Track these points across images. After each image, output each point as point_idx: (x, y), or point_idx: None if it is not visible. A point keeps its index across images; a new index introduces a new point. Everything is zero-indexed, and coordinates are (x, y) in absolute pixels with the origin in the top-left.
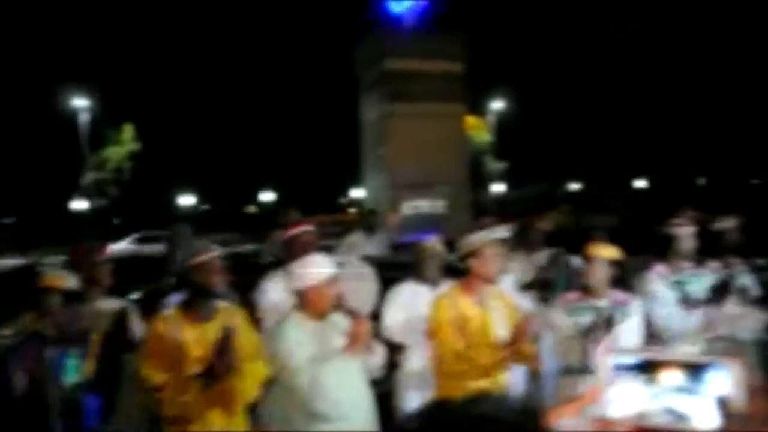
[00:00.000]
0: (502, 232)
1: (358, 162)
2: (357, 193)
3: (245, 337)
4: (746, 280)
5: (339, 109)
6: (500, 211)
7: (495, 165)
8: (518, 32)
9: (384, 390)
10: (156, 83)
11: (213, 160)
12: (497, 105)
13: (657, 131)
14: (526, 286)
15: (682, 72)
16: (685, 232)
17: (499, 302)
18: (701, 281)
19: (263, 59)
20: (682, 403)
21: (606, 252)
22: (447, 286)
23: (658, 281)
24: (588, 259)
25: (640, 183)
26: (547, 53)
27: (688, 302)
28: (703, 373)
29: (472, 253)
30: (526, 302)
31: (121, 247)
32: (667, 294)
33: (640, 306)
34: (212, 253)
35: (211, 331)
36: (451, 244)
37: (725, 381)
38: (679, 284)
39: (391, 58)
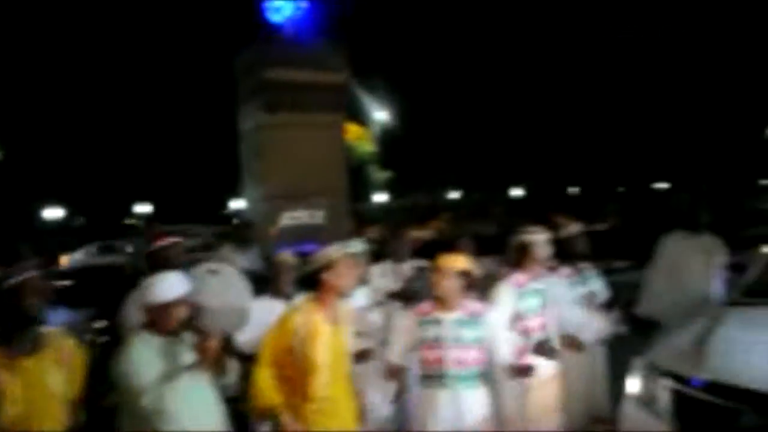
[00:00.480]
0: (358, 245)
1: (238, 173)
2: (236, 204)
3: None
4: (596, 285)
5: (219, 119)
6: (383, 220)
7: (379, 175)
8: (402, 41)
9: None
10: (20, 90)
11: (83, 171)
12: (381, 115)
13: (534, 141)
14: (392, 296)
15: (556, 84)
16: (539, 240)
17: (347, 321)
18: (558, 286)
19: (139, 66)
20: None
21: (454, 263)
22: (300, 299)
23: (507, 289)
24: (437, 270)
25: (517, 191)
26: (430, 64)
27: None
28: None
29: (327, 266)
30: (376, 317)
31: None
32: (508, 302)
33: (497, 314)
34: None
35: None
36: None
37: None
38: (538, 291)
39: (271, 68)
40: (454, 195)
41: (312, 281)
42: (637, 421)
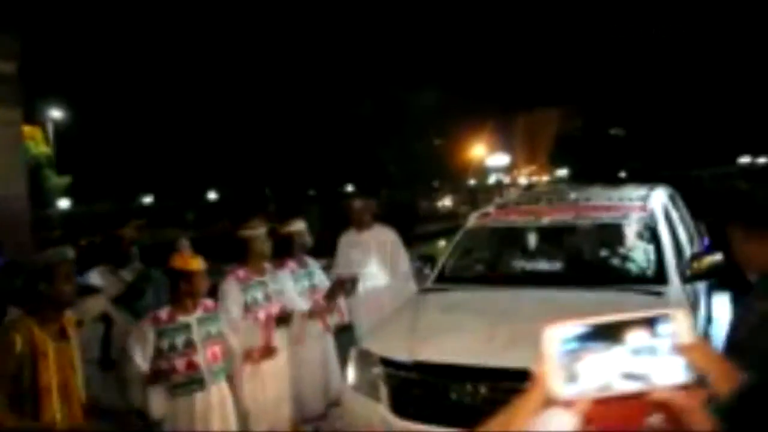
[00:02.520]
0: (70, 251)
1: None
2: None
3: None
4: (322, 278)
5: None
6: (70, 228)
7: (57, 180)
8: (77, 35)
9: None
10: None
11: None
12: (55, 114)
13: (226, 143)
14: (116, 300)
15: (232, 89)
16: (258, 234)
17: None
18: (282, 280)
19: None
20: (642, 365)
21: (194, 264)
22: (14, 315)
23: (232, 284)
24: (182, 272)
25: (212, 195)
26: (110, 61)
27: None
28: (656, 327)
29: (42, 275)
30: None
31: None
32: (235, 296)
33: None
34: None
35: None
36: (12, 268)
37: (679, 332)
38: (261, 284)
39: None
40: (147, 200)
41: (28, 294)
42: (357, 410)
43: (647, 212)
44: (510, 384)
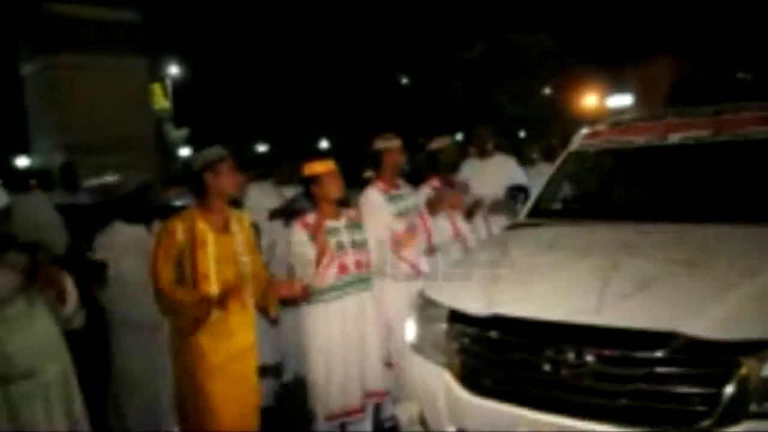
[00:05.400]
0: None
1: (24, 124)
2: (22, 161)
3: None
4: None
5: None
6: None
7: (177, 132)
8: None
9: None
10: None
11: None
12: (173, 70)
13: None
14: (274, 214)
15: None
16: (393, 146)
17: (239, 227)
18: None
19: None
20: None
21: (319, 167)
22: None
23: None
24: (311, 178)
25: (323, 143)
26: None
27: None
28: None
29: (207, 169)
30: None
31: None
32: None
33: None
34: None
35: None
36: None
37: None
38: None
39: (51, 2)
40: (262, 149)
41: (195, 188)
42: (417, 378)
43: None
44: (634, 353)
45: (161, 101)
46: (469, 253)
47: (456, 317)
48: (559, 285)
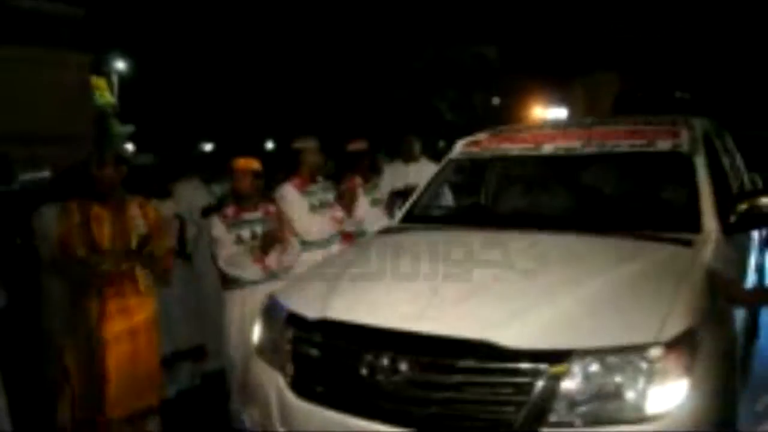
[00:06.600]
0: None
1: None
2: None
3: None
4: None
5: None
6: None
7: (120, 129)
8: None
9: None
10: None
11: None
12: (119, 65)
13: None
14: (207, 211)
15: None
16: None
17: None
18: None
19: None
20: None
21: (238, 163)
22: None
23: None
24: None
25: (269, 144)
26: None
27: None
28: None
29: (89, 165)
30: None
31: None
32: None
33: None
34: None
35: None
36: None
37: None
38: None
39: None
40: (208, 147)
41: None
42: (256, 381)
43: (681, 139)
44: (444, 360)
45: (106, 96)
46: (330, 257)
47: (292, 320)
48: (392, 291)
